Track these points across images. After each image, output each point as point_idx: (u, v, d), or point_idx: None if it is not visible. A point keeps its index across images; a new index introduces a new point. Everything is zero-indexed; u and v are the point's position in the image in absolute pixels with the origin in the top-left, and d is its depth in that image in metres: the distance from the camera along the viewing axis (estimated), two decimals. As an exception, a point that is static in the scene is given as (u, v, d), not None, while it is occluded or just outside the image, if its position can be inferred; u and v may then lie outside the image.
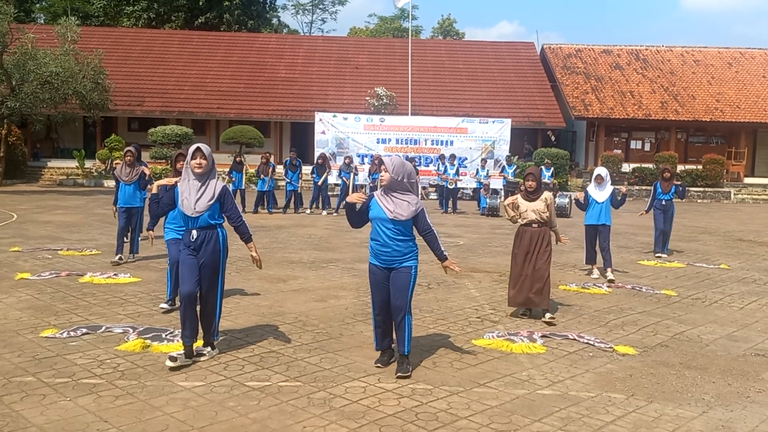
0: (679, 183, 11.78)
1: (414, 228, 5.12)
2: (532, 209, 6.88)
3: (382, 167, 5.05)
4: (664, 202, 11.61)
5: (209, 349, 5.30)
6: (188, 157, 5.14)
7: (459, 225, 15.40)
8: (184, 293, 5.12)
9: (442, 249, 5.17)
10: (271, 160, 17.77)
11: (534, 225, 6.89)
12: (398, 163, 5.04)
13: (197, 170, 5.10)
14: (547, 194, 6.97)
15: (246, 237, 5.31)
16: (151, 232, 6.46)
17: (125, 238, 9.58)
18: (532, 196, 6.93)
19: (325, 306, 7.11)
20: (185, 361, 5.05)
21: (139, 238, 10.00)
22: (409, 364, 5.04)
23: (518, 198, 7.01)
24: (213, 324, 5.31)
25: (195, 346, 5.20)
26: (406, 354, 5.04)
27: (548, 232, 6.96)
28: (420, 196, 5.41)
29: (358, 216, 5.17)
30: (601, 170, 9.52)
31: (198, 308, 5.23)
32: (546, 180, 20.36)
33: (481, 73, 32.06)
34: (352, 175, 17.81)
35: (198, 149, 5.13)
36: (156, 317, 6.42)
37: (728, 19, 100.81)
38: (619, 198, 9.60)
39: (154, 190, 5.56)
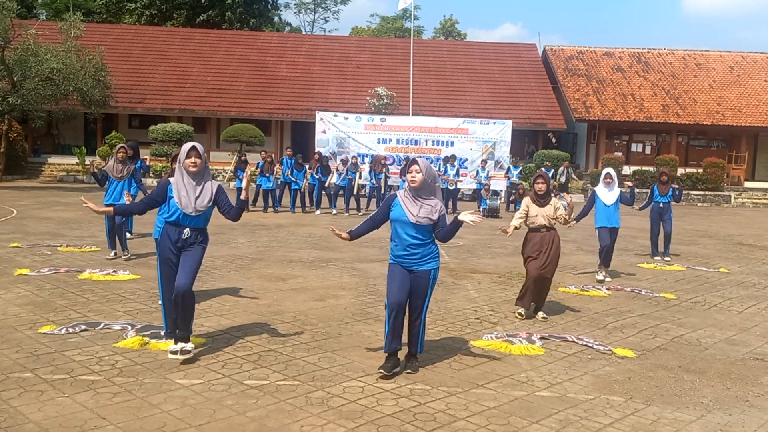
0: (677, 186, 11.76)
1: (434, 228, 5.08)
2: (542, 214, 6.83)
3: (414, 168, 4.97)
4: (661, 205, 11.58)
5: (191, 344, 5.14)
6: (182, 156, 5.12)
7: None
8: (181, 286, 5.07)
9: (450, 224, 5.00)
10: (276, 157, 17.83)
11: (543, 230, 6.86)
12: (428, 165, 5.04)
13: (192, 169, 5.09)
14: (555, 200, 6.94)
15: (238, 207, 5.21)
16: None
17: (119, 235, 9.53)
18: (542, 200, 6.88)
19: (324, 305, 7.11)
20: (192, 351, 5.09)
21: (127, 237, 9.94)
22: (418, 361, 5.17)
23: (529, 202, 6.92)
24: (193, 319, 5.19)
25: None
26: (418, 353, 5.18)
27: (557, 235, 6.94)
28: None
29: (373, 224, 5.17)
30: (610, 170, 9.48)
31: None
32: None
33: (483, 74, 32.05)
34: (357, 174, 17.80)
35: (193, 148, 5.12)
36: (154, 314, 6.41)
37: (730, 23, 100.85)
38: (628, 195, 9.67)
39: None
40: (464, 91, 30.50)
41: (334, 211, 17.15)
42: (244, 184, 5.29)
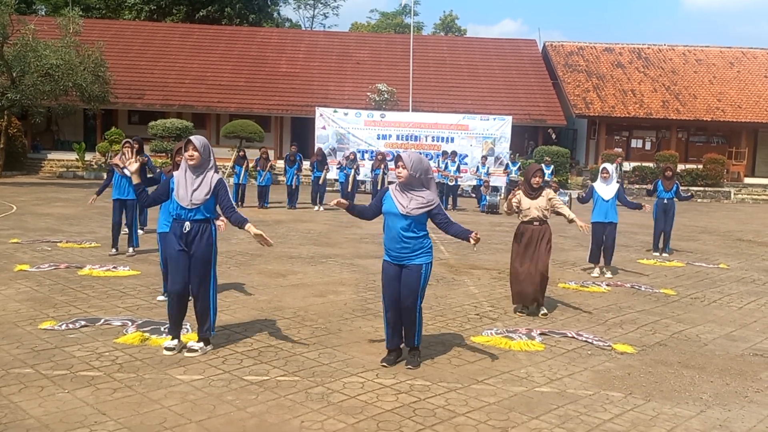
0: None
1: (429, 222, 5.09)
2: (535, 206, 6.83)
3: (399, 163, 4.97)
4: (665, 201, 11.58)
5: (202, 345, 5.23)
6: (183, 150, 5.16)
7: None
8: (173, 291, 5.14)
9: (463, 228, 5.08)
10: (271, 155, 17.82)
11: (535, 223, 6.86)
12: (416, 160, 5.00)
13: (190, 162, 5.09)
14: (547, 191, 6.93)
15: (241, 222, 5.18)
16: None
17: (123, 231, 9.56)
18: (534, 193, 6.88)
19: (324, 301, 7.11)
20: (179, 344, 5.15)
21: (139, 231, 10.01)
22: (419, 356, 5.13)
23: (520, 195, 6.94)
24: (208, 320, 5.25)
25: (188, 341, 5.24)
26: (417, 345, 5.14)
27: (549, 229, 6.94)
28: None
29: (366, 211, 5.18)
30: (607, 165, 9.48)
31: (190, 304, 5.25)
32: (546, 178, 20.52)
33: (483, 70, 32.01)
34: (353, 170, 17.80)
35: (189, 141, 5.11)
36: (155, 310, 6.42)
37: (730, 18, 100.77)
38: (629, 198, 9.70)
39: (134, 180, 5.27)
40: (464, 87, 30.47)
41: (318, 208, 16.99)
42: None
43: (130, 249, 9.41)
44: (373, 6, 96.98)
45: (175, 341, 5.17)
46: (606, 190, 9.25)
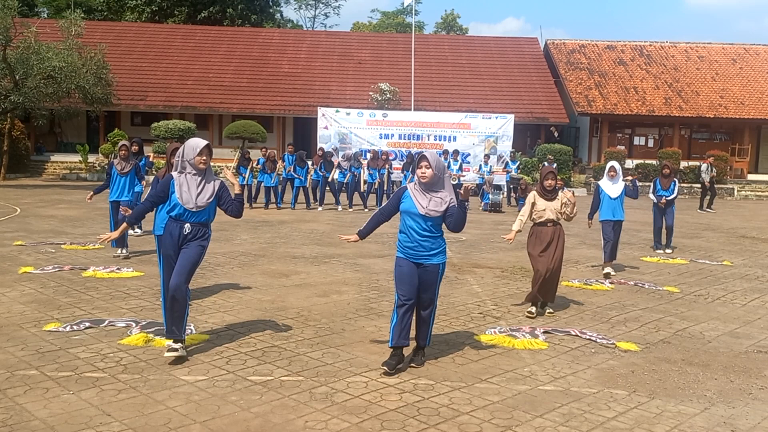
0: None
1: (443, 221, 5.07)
2: (550, 209, 6.80)
3: (424, 163, 4.95)
4: (663, 199, 11.56)
5: (180, 345, 5.05)
6: (189, 152, 5.06)
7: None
8: (171, 287, 5.02)
9: (460, 210, 5.00)
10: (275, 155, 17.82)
11: (549, 224, 6.84)
12: (437, 159, 5.03)
13: (201, 166, 5.09)
14: (566, 193, 6.90)
15: (239, 203, 5.24)
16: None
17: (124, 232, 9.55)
18: (550, 195, 6.86)
19: (328, 301, 7.12)
20: (183, 351, 5.03)
21: (137, 231, 10.03)
22: (424, 356, 5.20)
23: (535, 196, 6.90)
24: (186, 317, 5.14)
25: (191, 342, 5.18)
26: (426, 345, 5.23)
27: (562, 229, 6.93)
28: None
29: (381, 219, 5.25)
30: (614, 163, 9.47)
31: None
32: (513, 172, 20.96)
33: (485, 69, 31.99)
34: (362, 170, 17.80)
35: (207, 146, 5.12)
36: (158, 311, 6.42)
37: (732, 15, 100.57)
38: (632, 188, 9.62)
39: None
40: (466, 86, 30.45)
41: (339, 208, 17.16)
42: (231, 179, 5.30)
43: (121, 250, 9.28)
44: (374, 6, 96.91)
45: (179, 344, 5.03)
46: (613, 188, 9.26)
